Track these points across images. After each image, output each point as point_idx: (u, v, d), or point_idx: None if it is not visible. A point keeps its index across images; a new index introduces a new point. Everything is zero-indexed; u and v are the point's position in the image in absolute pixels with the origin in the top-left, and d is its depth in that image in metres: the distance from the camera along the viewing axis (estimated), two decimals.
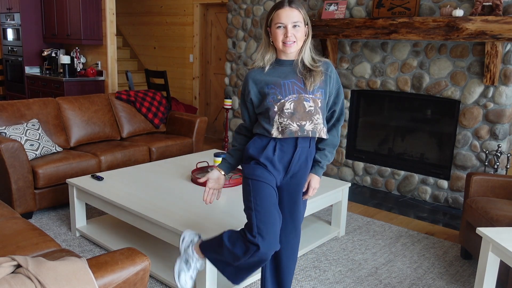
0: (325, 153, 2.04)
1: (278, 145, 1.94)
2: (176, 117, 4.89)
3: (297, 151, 1.94)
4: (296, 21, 1.86)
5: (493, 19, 3.48)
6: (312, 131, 1.91)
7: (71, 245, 3.10)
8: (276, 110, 1.90)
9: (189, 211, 2.69)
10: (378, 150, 4.73)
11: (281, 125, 1.90)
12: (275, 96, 1.90)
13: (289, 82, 1.91)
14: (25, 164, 3.38)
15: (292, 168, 1.97)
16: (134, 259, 1.51)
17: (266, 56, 1.95)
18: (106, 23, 5.83)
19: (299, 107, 1.90)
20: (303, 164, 1.99)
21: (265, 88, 1.92)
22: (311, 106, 1.90)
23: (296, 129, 1.89)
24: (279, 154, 1.94)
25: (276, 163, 1.95)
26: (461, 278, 2.85)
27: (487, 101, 3.82)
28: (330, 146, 2.05)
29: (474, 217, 2.83)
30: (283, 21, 1.86)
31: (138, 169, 3.50)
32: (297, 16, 1.87)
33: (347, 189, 3.35)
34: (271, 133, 1.91)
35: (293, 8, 1.86)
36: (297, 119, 1.89)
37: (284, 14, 1.86)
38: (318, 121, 1.92)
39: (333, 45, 4.61)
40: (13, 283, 1.23)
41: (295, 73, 1.93)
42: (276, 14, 1.88)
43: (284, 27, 1.86)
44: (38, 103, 4.02)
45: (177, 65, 7.23)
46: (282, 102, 1.89)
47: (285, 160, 1.96)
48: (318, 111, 1.91)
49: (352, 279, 2.78)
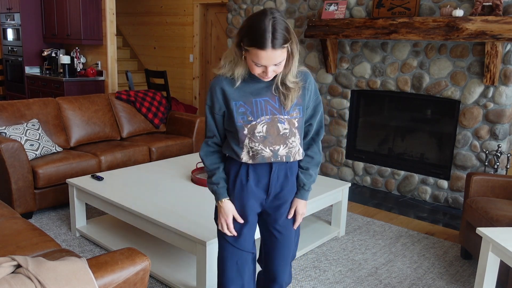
0: (309, 173, 1.82)
1: (251, 169, 1.73)
2: (176, 117, 4.89)
3: (274, 172, 1.73)
4: (279, 62, 1.55)
5: (493, 19, 3.48)
6: (286, 155, 1.71)
7: (71, 245, 3.10)
8: (246, 133, 1.65)
9: (189, 211, 2.69)
10: (378, 150, 4.73)
11: (252, 150, 1.67)
12: (245, 117, 1.64)
13: (262, 100, 1.65)
14: (25, 164, 3.38)
15: (272, 190, 1.76)
16: (134, 259, 1.51)
17: (237, 69, 1.63)
18: (106, 23, 5.83)
19: (273, 130, 1.66)
20: (284, 182, 1.77)
21: (232, 105, 1.65)
22: (285, 128, 1.67)
23: (269, 155, 1.68)
24: (254, 178, 1.74)
25: (252, 188, 1.75)
26: (461, 278, 2.85)
27: (487, 101, 3.82)
28: (313, 165, 1.82)
29: (474, 217, 2.83)
30: (262, 63, 1.54)
31: (138, 169, 3.50)
32: (280, 56, 1.54)
33: (347, 189, 3.35)
34: (240, 157, 1.69)
35: (276, 50, 1.51)
36: (270, 143, 1.67)
37: (266, 56, 1.52)
38: (293, 144, 1.70)
39: (333, 45, 4.61)
40: (13, 283, 1.23)
41: (269, 90, 1.66)
42: (254, 52, 1.52)
43: (264, 66, 1.56)
44: (38, 103, 4.02)
45: (177, 65, 7.23)
46: (253, 125, 1.65)
47: (262, 183, 1.75)
48: (294, 132, 1.69)
49: (352, 279, 2.78)
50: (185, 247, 2.44)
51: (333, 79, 4.77)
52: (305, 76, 1.71)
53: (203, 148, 1.79)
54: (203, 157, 1.79)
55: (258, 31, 1.50)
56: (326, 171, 4.97)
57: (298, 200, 1.83)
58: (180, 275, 2.65)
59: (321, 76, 4.84)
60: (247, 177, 1.73)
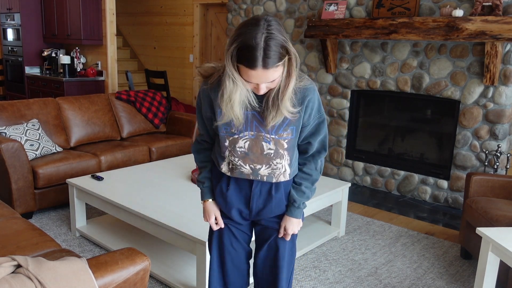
0: (301, 189, 1.64)
1: (232, 180, 1.64)
2: (176, 117, 4.89)
3: (255, 187, 1.62)
4: (272, 80, 1.39)
5: (493, 19, 3.48)
6: (268, 176, 1.57)
7: (71, 245, 3.10)
8: (227, 145, 1.55)
9: (189, 211, 2.69)
10: (378, 150, 4.73)
11: (231, 163, 1.58)
12: (228, 128, 1.52)
13: (249, 113, 1.49)
14: (25, 164, 3.38)
15: (254, 206, 1.64)
16: (134, 259, 1.51)
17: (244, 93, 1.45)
18: (106, 23, 5.83)
19: (255, 148, 1.53)
20: (267, 199, 1.63)
21: (217, 112, 1.52)
22: (270, 148, 1.52)
23: (248, 171, 1.57)
24: (235, 189, 1.64)
25: (232, 199, 1.65)
26: (461, 278, 2.85)
27: (487, 101, 3.82)
28: (307, 181, 1.65)
29: (474, 217, 2.83)
30: (254, 81, 1.39)
31: (138, 169, 3.51)
32: (272, 75, 1.37)
33: (347, 189, 3.36)
34: (220, 167, 1.62)
35: (268, 69, 1.34)
36: (251, 161, 1.55)
37: (256, 76, 1.36)
38: (277, 165, 1.56)
39: (333, 45, 4.61)
40: (13, 283, 1.23)
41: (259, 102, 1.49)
42: (244, 70, 1.37)
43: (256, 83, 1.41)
44: (38, 103, 4.02)
45: (177, 65, 7.23)
46: (235, 138, 1.52)
47: (243, 196, 1.65)
48: (280, 154, 1.54)
49: (352, 279, 2.78)
50: (185, 247, 2.44)
51: (333, 79, 4.77)
52: (306, 91, 1.50)
53: (194, 145, 1.76)
54: (194, 153, 1.75)
55: (248, 48, 1.32)
56: (326, 171, 4.97)
57: (288, 218, 1.66)
58: (180, 275, 2.65)
59: (321, 76, 4.84)
60: (228, 186, 1.65)
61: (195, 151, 1.74)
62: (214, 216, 1.73)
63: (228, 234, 1.77)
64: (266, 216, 1.68)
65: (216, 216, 1.73)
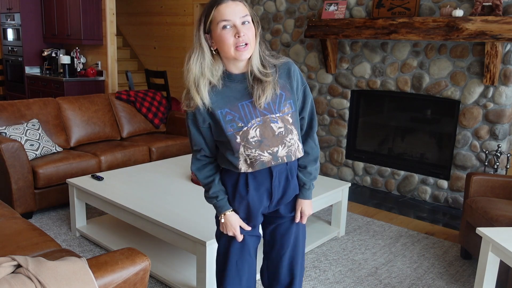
0: (308, 170, 1.71)
1: (250, 177, 1.62)
2: (176, 117, 4.89)
3: (275, 177, 1.64)
4: (244, 15, 1.46)
5: (493, 19, 3.48)
6: (287, 155, 1.60)
7: (71, 245, 3.10)
8: (239, 141, 1.54)
9: (189, 211, 2.69)
10: (378, 150, 4.73)
11: (249, 157, 1.56)
12: (235, 124, 1.53)
13: (248, 103, 1.54)
14: (25, 164, 3.38)
15: (275, 196, 1.67)
16: (134, 259, 1.51)
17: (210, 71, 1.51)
18: (106, 23, 5.83)
19: (267, 132, 1.55)
20: (286, 186, 1.68)
21: (218, 114, 1.53)
22: (280, 127, 1.56)
23: (268, 158, 1.58)
24: (255, 187, 1.64)
25: (253, 200, 1.65)
26: (461, 278, 2.85)
27: (487, 101, 3.82)
28: (312, 161, 1.72)
29: (474, 217, 2.83)
30: (229, 17, 1.44)
31: (138, 169, 3.51)
32: (243, 10, 1.47)
33: (347, 189, 3.36)
34: (238, 167, 1.58)
35: (237, 1, 1.47)
36: (267, 146, 1.56)
37: (228, 9, 1.44)
38: (291, 141, 1.60)
39: (333, 45, 4.61)
40: (13, 283, 1.23)
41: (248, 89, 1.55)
42: (216, 11, 1.45)
43: (232, 25, 1.45)
44: (38, 103, 4.02)
45: (177, 65, 7.23)
46: (245, 131, 1.54)
47: (264, 190, 1.65)
48: (289, 129, 1.58)
49: (352, 279, 2.78)
50: (185, 247, 2.44)
51: (333, 79, 4.77)
52: (286, 65, 1.59)
53: (193, 163, 1.68)
54: (196, 172, 1.69)
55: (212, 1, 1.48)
56: (326, 171, 4.97)
57: (302, 201, 1.74)
58: (180, 275, 2.65)
59: (321, 76, 4.84)
60: (247, 188, 1.63)
61: (197, 169, 1.68)
62: (239, 226, 1.69)
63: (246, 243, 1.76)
64: (283, 203, 1.72)
65: (241, 225, 1.70)
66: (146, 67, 7.63)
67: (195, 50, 1.51)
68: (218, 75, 1.53)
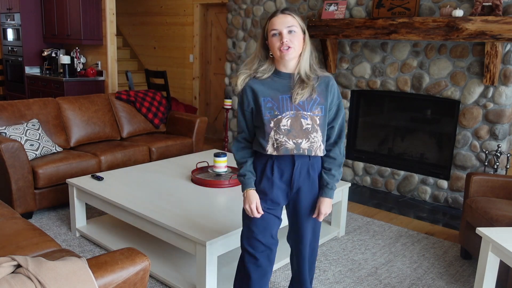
0: (332, 173, 1.98)
1: (276, 163, 1.92)
2: (176, 117, 4.89)
3: (296, 167, 1.91)
4: (290, 26, 1.82)
5: (493, 19, 3.48)
6: (308, 149, 1.88)
7: (71, 245, 3.10)
8: (272, 126, 1.86)
9: (189, 211, 2.69)
10: (378, 150, 4.73)
11: (277, 141, 1.86)
12: (272, 111, 1.86)
13: (287, 97, 1.86)
14: (25, 164, 3.38)
15: (295, 184, 1.94)
16: (134, 259, 1.51)
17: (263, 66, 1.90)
18: (106, 23, 5.83)
19: (296, 125, 1.85)
20: (306, 178, 1.95)
21: (261, 100, 1.87)
22: (308, 124, 1.86)
23: (292, 147, 1.86)
24: (278, 172, 1.93)
25: (276, 182, 1.94)
26: (461, 278, 2.85)
27: (487, 101, 3.83)
28: (336, 165, 1.99)
29: (474, 217, 2.83)
30: (277, 27, 1.82)
31: (138, 169, 3.51)
32: (291, 21, 1.83)
33: (347, 189, 3.36)
34: (266, 149, 1.88)
35: (286, 14, 1.84)
36: (293, 136, 1.86)
37: (278, 20, 1.83)
38: (315, 139, 1.88)
39: (333, 45, 4.61)
40: (13, 283, 1.23)
41: (291, 86, 1.88)
42: (270, 22, 1.86)
43: (279, 33, 1.82)
44: (38, 103, 4.02)
45: (177, 65, 7.23)
46: (279, 118, 1.85)
47: (285, 177, 1.94)
48: (316, 129, 1.88)
49: (352, 279, 2.78)
50: (185, 247, 2.44)
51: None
52: (327, 79, 1.92)
53: (234, 144, 2.01)
54: (234, 152, 2.01)
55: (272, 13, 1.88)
56: None
57: (323, 199, 1.97)
58: (180, 275, 2.65)
59: None
60: (272, 172, 1.93)
61: (236, 149, 2.00)
62: (255, 203, 1.95)
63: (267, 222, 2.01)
64: (302, 197, 1.98)
65: (257, 202, 1.95)
66: (146, 67, 7.63)
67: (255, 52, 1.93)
68: (268, 73, 1.90)
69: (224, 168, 3.34)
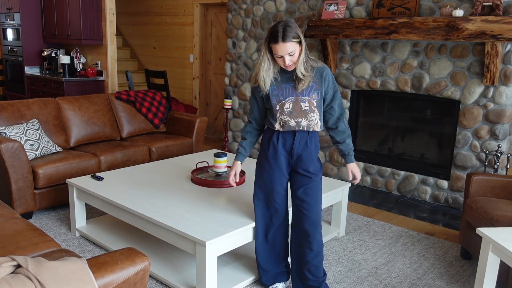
0: (346, 143, 2.45)
1: (281, 135, 2.39)
2: (176, 117, 4.89)
3: (297, 138, 2.37)
4: (291, 51, 2.18)
5: (493, 19, 3.48)
6: (307, 126, 2.33)
7: (71, 245, 3.10)
8: (278, 108, 2.32)
9: (189, 211, 2.69)
10: (378, 150, 4.73)
11: (282, 121, 2.33)
12: (278, 98, 2.32)
13: (289, 86, 2.32)
14: (25, 164, 3.38)
15: (295, 151, 2.38)
16: (134, 259, 1.51)
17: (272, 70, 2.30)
18: (106, 23, 5.83)
19: (297, 107, 2.31)
20: (304, 147, 2.38)
21: (270, 89, 2.33)
22: (306, 106, 2.31)
23: (294, 124, 2.33)
24: (282, 141, 2.39)
25: (280, 148, 2.39)
26: (461, 278, 2.85)
27: (487, 101, 3.82)
28: (347, 137, 2.45)
29: (474, 217, 2.83)
30: (280, 53, 2.19)
31: (138, 169, 3.50)
32: (290, 47, 2.17)
33: (347, 189, 3.35)
34: (274, 126, 2.37)
35: (286, 43, 2.16)
36: (295, 116, 2.31)
37: (279, 48, 2.18)
38: (312, 118, 2.32)
39: (333, 45, 4.61)
40: (13, 283, 1.23)
41: (293, 79, 2.31)
42: (273, 47, 2.20)
43: (282, 56, 2.20)
44: (38, 103, 4.02)
45: (177, 65, 7.23)
46: (283, 103, 2.32)
47: (287, 146, 2.38)
48: (313, 110, 2.31)
49: (352, 279, 2.78)
50: (185, 247, 2.44)
51: None
52: (322, 69, 2.32)
53: (245, 125, 2.54)
54: (243, 128, 2.54)
55: (273, 33, 2.19)
56: (326, 171, 4.97)
57: (350, 164, 2.50)
58: (180, 275, 2.65)
59: None
60: (277, 141, 2.39)
61: (245, 126, 2.54)
62: (235, 172, 2.54)
63: None
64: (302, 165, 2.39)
65: (236, 172, 2.55)
66: (146, 67, 7.63)
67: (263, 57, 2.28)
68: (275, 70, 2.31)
69: (224, 168, 3.34)
